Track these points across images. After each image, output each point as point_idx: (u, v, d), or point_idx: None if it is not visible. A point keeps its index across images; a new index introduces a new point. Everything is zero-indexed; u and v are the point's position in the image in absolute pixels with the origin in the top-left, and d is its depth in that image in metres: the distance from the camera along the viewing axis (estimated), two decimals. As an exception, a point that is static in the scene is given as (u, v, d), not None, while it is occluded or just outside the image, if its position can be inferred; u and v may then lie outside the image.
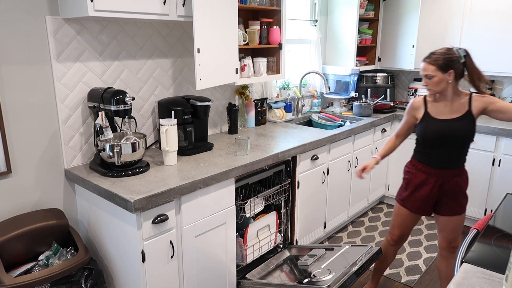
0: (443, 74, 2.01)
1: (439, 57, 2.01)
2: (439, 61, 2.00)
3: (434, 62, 2.01)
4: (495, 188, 3.35)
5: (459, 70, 2.03)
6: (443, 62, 2.00)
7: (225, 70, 2.43)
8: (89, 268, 1.91)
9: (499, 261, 1.37)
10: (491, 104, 2.04)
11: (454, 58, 2.01)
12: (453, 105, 2.09)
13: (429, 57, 2.04)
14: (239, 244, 2.39)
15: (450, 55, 2.01)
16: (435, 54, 2.03)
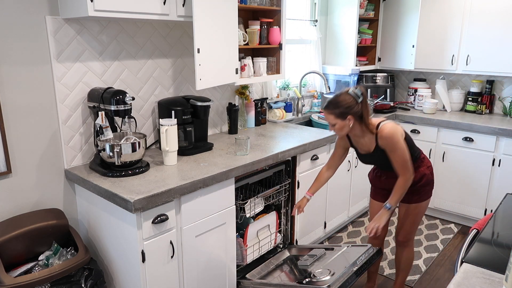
0: (342, 121, 2.07)
1: (336, 106, 2.07)
2: (337, 110, 2.06)
3: (333, 112, 2.08)
4: (495, 188, 3.35)
5: (358, 112, 2.07)
6: (340, 111, 2.06)
7: (225, 70, 2.43)
8: (89, 268, 1.91)
9: (499, 261, 1.37)
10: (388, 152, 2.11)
11: (350, 104, 2.05)
12: (365, 140, 2.18)
13: (328, 107, 2.10)
14: (239, 244, 2.39)
15: (346, 103, 2.05)
16: (332, 103, 2.08)
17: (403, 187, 2.12)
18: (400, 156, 2.08)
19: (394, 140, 2.06)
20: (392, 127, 2.08)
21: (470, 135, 3.40)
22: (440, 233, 3.50)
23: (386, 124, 2.09)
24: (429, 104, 3.76)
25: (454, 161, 3.53)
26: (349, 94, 2.07)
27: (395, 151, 2.08)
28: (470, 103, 3.83)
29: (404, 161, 2.09)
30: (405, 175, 2.10)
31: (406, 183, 2.12)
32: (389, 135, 2.06)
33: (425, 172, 2.22)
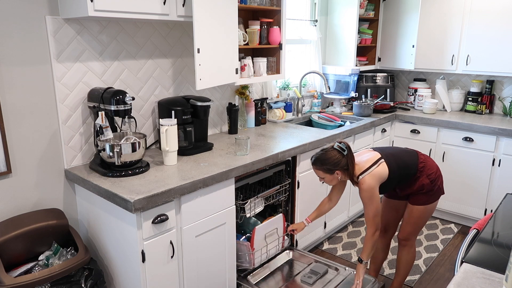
0: (331, 175, 2.16)
1: (323, 163, 2.14)
2: (324, 166, 2.14)
3: (321, 168, 2.15)
4: (495, 188, 3.35)
5: (345, 166, 2.13)
6: (327, 167, 2.13)
7: (225, 70, 2.43)
8: (89, 268, 1.91)
9: (499, 261, 1.37)
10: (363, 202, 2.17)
11: (336, 160, 2.12)
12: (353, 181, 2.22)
13: (315, 163, 2.17)
14: (247, 248, 2.36)
15: (333, 160, 2.12)
16: (319, 160, 2.15)
17: (371, 240, 2.17)
18: (371, 210, 2.14)
19: (368, 194, 2.12)
20: (369, 182, 2.11)
21: (470, 135, 3.40)
22: (440, 233, 3.50)
23: (365, 177, 2.12)
24: (429, 104, 3.76)
25: (454, 161, 3.53)
26: (335, 149, 2.14)
27: (367, 205, 2.15)
28: (470, 103, 3.83)
29: (374, 215, 2.14)
30: (371, 228, 2.16)
31: (373, 237, 2.17)
32: (363, 189, 2.13)
33: (423, 182, 2.21)
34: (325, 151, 2.15)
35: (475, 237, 1.62)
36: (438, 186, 2.25)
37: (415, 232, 2.35)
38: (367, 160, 2.16)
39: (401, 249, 2.43)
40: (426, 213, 2.27)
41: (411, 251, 2.41)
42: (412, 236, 2.36)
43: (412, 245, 2.40)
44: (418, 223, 2.30)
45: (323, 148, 2.19)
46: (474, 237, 1.63)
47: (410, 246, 2.40)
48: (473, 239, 1.60)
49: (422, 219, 2.29)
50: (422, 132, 3.67)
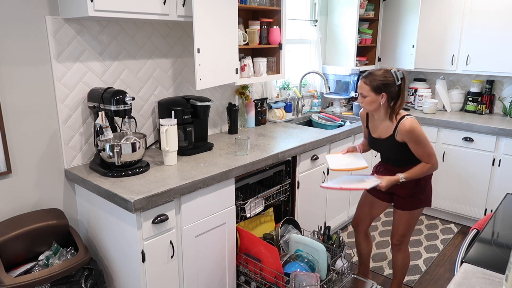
0: (376, 95, 2.08)
1: (375, 78, 2.06)
2: (374, 82, 2.06)
3: (369, 83, 2.07)
4: (495, 188, 3.35)
5: (393, 94, 2.09)
6: (377, 85, 2.06)
7: (225, 70, 2.43)
8: (89, 268, 1.91)
9: (499, 261, 1.37)
10: (409, 142, 2.11)
11: (389, 82, 2.06)
12: (382, 125, 2.20)
13: (366, 77, 2.09)
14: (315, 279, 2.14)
15: (385, 79, 2.06)
16: (372, 75, 2.08)
17: (422, 169, 2.11)
18: (425, 149, 2.08)
19: (416, 133, 2.06)
20: (413, 121, 2.08)
21: (470, 135, 3.40)
22: (440, 233, 3.50)
23: (409, 118, 2.10)
24: (429, 104, 3.76)
25: (454, 161, 3.53)
26: (391, 72, 2.07)
27: (417, 143, 2.08)
28: (470, 103, 3.84)
29: (430, 153, 2.09)
30: (430, 162, 2.10)
31: (429, 169, 2.11)
32: (410, 129, 2.05)
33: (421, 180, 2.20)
34: (382, 69, 2.09)
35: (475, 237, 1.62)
36: (428, 193, 2.27)
37: (407, 235, 2.36)
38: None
39: (395, 253, 2.44)
40: (414, 218, 2.29)
41: (405, 254, 2.42)
42: (406, 239, 2.37)
43: (406, 248, 2.41)
44: (411, 226, 2.31)
45: (382, 68, 2.12)
46: (474, 237, 1.63)
47: (404, 250, 2.41)
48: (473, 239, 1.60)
49: (411, 223, 2.30)
50: (422, 132, 3.66)
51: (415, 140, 2.08)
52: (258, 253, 2.26)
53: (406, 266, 2.46)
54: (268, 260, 2.22)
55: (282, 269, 2.19)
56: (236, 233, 2.32)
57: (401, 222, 2.31)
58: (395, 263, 2.46)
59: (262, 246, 2.22)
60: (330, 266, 2.30)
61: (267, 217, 2.68)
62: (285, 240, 2.50)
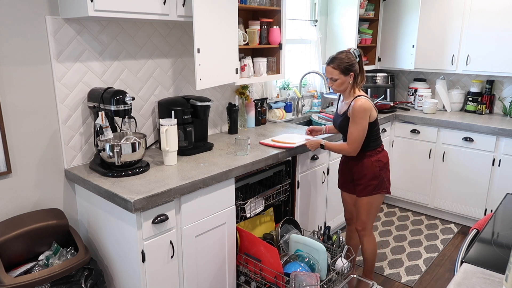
0: (345, 76, 2.27)
1: (341, 61, 2.25)
2: (342, 65, 2.25)
3: (338, 67, 2.26)
4: (495, 188, 3.35)
5: (357, 71, 2.29)
6: (344, 66, 2.25)
7: (225, 70, 2.43)
8: (89, 268, 1.91)
9: (499, 261, 1.37)
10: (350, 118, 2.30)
11: (353, 61, 2.27)
12: (345, 103, 2.39)
13: (333, 62, 2.27)
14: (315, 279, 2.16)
15: (350, 60, 2.26)
16: (337, 59, 2.26)
17: (341, 148, 2.35)
18: (356, 130, 2.25)
19: (360, 114, 2.23)
20: (365, 103, 2.24)
21: (470, 135, 3.40)
22: (440, 233, 3.50)
23: (364, 98, 2.26)
24: (429, 104, 3.76)
25: (454, 161, 3.53)
26: (351, 53, 2.27)
27: (354, 124, 2.26)
28: (470, 103, 3.83)
29: (357, 137, 2.26)
30: (350, 146, 2.30)
31: (346, 150, 2.32)
32: (358, 107, 2.23)
33: (373, 165, 2.35)
34: (343, 52, 2.28)
35: (475, 237, 1.62)
36: (383, 179, 2.40)
37: (369, 221, 2.47)
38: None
39: (361, 239, 2.54)
40: (374, 203, 2.42)
41: (370, 239, 2.52)
42: (368, 226, 2.48)
43: (370, 233, 2.51)
44: (369, 213, 2.44)
45: (340, 50, 2.30)
46: (474, 237, 1.63)
47: (368, 235, 2.51)
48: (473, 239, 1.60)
49: (371, 209, 2.43)
50: (422, 132, 3.67)
51: (353, 117, 2.26)
52: (258, 253, 2.26)
53: (375, 251, 2.55)
54: (268, 260, 2.22)
55: (282, 269, 2.19)
56: (236, 233, 2.33)
57: (361, 209, 2.45)
58: (363, 249, 2.56)
59: (262, 246, 2.23)
60: (330, 266, 2.30)
61: (267, 217, 2.68)
62: (285, 240, 2.50)
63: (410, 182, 3.84)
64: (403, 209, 3.99)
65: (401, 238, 3.42)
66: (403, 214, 3.88)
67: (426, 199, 3.78)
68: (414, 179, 3.81)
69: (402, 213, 3.90)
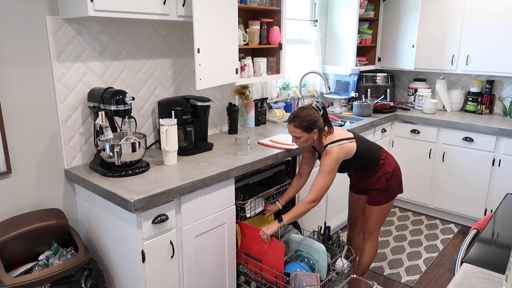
0: (308, 134, 2.16)
1: (303, 120, 2.13)
2: (303, 124, 2.13)
3: (299, 126, 2.14)
4: (495, 188, 3.35)
5: (322, 125, 2.18)
6: (306, 125, 2.13)
7: (225, 70, 2.43)
8: (89, 268, 1.91)
9: (499, 261, 1.37)
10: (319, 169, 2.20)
11: (315, 118, 2.14)
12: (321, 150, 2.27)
13: (294, 120, 2.15)
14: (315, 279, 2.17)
15: (311, 117, 2.13)
16: (298, 117, 2.14)
17: (304, 206, 2.16)
18: (324, 181, 2.15)
19: (327, 169, 2.15)
20: (337, 152, 2.15)
21: (470, 135, 3.40)
22: (440, 233, 3.50)
23: (334, 147, 2.16)
24: (429, 104, 3.76)
25: (454, 161, 3.53)
26: (313, 108, 2.16)
27: (322, 174, 2.16)
28: (470, 103, 3.84)
29: (323, 187, 2.15)
30: (313, 196, 2.15)
31: (309, 205, 2.16)
32: (326, 153, 2.16)
33: (380, 180, 2.31)
34: (304, 109, 2.16)
35: (475, 237, 1.62)
36: (393, 187, 2.34)
37: (378, 226, 2.46)
38: (340, 134, 2.24)
39: (365, 242, 2.52)
40: (384, 211, 2.40)
41: (374, 245, 2.51)
42: (375, 230, 2.47)
43: (376, 238, 2.50)
44: (379, 219, 2.42)
45: (301, 107, 2.20)
46: (474, 237, 1.63)
47: (374, 240, 2.50)
48: (473, 239, 1.60)
49: (382, 216, 2.41)
50: (422, 132, 3.67)
51: (321, 167, 2.17)
52: (261, 251, 2.25)
53: (374, 255, 2.55)
54: (269, 259, 2.22)
55: (283, 267, 2.18)
56: (237, 232, 2.32)
57: (372, 216, 2.42)
58: (363, 252, 2.53)
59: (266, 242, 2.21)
60: (330, 266, 2.30)
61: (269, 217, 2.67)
62: (285, 240, 2.50)
63: (410, 182, 3.84)
64: (403, 209, 3.99)
65: (401, 238, 3.42)
66: (403, 214, 3.88)
67: (426, 199, 3.78)
68: (414, 179, 3.81)
69: (402, 213, 3.90)
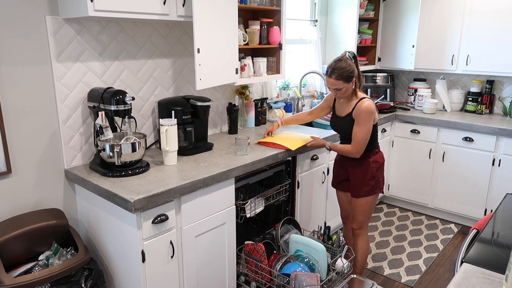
0: (348, 84, 2.26)
1: (342, 71, 2.22)
2: (344, 74, 2.23)
3: (340, 77, 2.23)
4: (495, 188, 3.35)
5: (357, 75, 2.29)
6: (347, 75, 2.23)
7: (225, 70, 2.43)
8: (89, 268, 1.91)
9: (499, 261, 1.37)
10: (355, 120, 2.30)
11: (353, 68, 2.25)
12: (346, 105, 2.38)
13: (334, 73, 2.24)
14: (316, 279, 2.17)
15: (350, 67, 2.24)
16: (338, 69, 2.23)
17: (345, 150, 2.35)
18: (361, 132, 2.27)
19: (366, 116, 2.26)
20: (371, 105, 2.27)
21: (470, 135, 3.40)
22: (440, 233, 3.50)
23: (369, 101, 2.29)
24: (429, 104, 3.76)
25: (454, 161, 3.53)
26: (348, 58, 2.27)
27: (360, 125, 2.27)
28: (470, 103, 3.84)
29: (361, 138, 2.27)
30: (354, 148, 2.30)
31: (350, 152, 2.33)
32: (364, 109, 2.25)
33: (367, 165, 2.37)
34: (340, 60, 2.25)
35: (475, 237, 1.62)
36: (379, 179, 2.42)
37: (366, 220, 2.49)
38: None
39: (355, 238, 2.54)
40: (370, 204, 2.44)
41: (365, 239, 2.54)
42: (363, 225, 2.50)
43: (365, 233, 2.53)
44: (366, 213, 2.45)
45: (336, 59, 2.27)
46: (474, 237, 1.63)
47: (363, 235, 2.52)
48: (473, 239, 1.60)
49: (368, 209, 2.45)
50: (422, 132, 3.67)
51: (359, 119, 2.27)
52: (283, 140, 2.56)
53: (367, 250, 2.56)
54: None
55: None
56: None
57: (358, 209, 2.45)
58: (356, 248, 2.55)
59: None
60: (330, 266, 2.30)
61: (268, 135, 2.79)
62: (285, 240, 2.50)
63: (410, 182, 3.84)
64: (403, 209, 3.99)
65: (401, 238, 3.42)
66: (403, 214, 3.88)
67: (426, 199, 3.78)
68: (414, 179, 3.81)
69: (402, 213, 3.90)
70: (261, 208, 2.47)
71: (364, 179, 2.39)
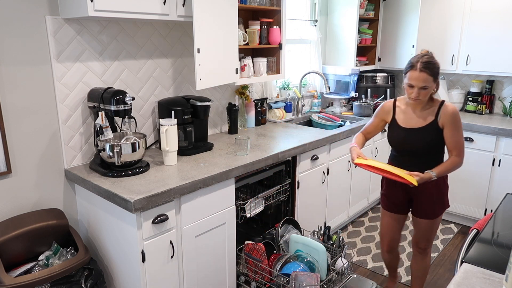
0: (434, 83, 1.96)
1: (435, 66, 1.91)
2: (435, 70, 1.91)
3: (432, 73, 1.90)
4: (495, 188, 3.35)
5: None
6: (437, 72, 1.92)
7: (225, 70, 2.43)
8: (89, 268, 1.91)
9: (499, 261, 1.37)
10: (448, 127, 2.01)
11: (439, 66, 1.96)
12: (422, 112, 2.07)
13: (427, 67, 1.89)
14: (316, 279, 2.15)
15: (439, 65, 1.95)
16: (432, 63, 1.90)
17: (452, 164, 2.02)
18: (462, 137, 2.00)
19: (459, 118, 2.00)
20: (456, 110, 2.01)
21: (470, 135, 3.40)
22: (440, 233, 3.50)
23: (449, 102, 2.02)
24: (429, 104, 3.75)
25: (454, 161, 3.53)
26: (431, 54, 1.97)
27: (457, 129, 1.99)
28: (470, 103, 3.84)
29: (463, 144, 2.01)
30: (461, 157, 2.02)
31: (456, 164, 2.02)
32: (455, 112, 1.98)
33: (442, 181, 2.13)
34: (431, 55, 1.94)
35: (475, 237, 1.62)
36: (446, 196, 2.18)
37: (432, 240, 2.30)
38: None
39: (421, 257, 2.35)
40: (438, 222, 2.21)
41: (427, 258, 2.36)
42: (429, 245, 2.31)
43: (430, 252, 2.35)
44: (434, 232, 2.25)
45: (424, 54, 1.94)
46: (474, 237, 1.63)
47: (429, 253, 2.35)
48: (473, 239, 1.60)
49: (435, 227, 2.23)
50: (422, 132, 3.66)
51: (455, 125, 1.99)
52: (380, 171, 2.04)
53: (427, 270, 2.40)
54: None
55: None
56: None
57: (426, 230, 2.22)
58: (417, 268, 2.37)
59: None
60: (330, 266, 2.30)
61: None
62: (285, 240, 2.50)
63: (410, 182, 3.84)
64: (403, 209, 3.99)
65: (401, 238, 3.42)
66: (403, 214, 3.87)
67: (426, 199, 3.77)
68: (414, 179, 3.80)
69: (402, 213, 3.90)
70: (261, 208, 2.47)
71: (440, 194, 2.12)
